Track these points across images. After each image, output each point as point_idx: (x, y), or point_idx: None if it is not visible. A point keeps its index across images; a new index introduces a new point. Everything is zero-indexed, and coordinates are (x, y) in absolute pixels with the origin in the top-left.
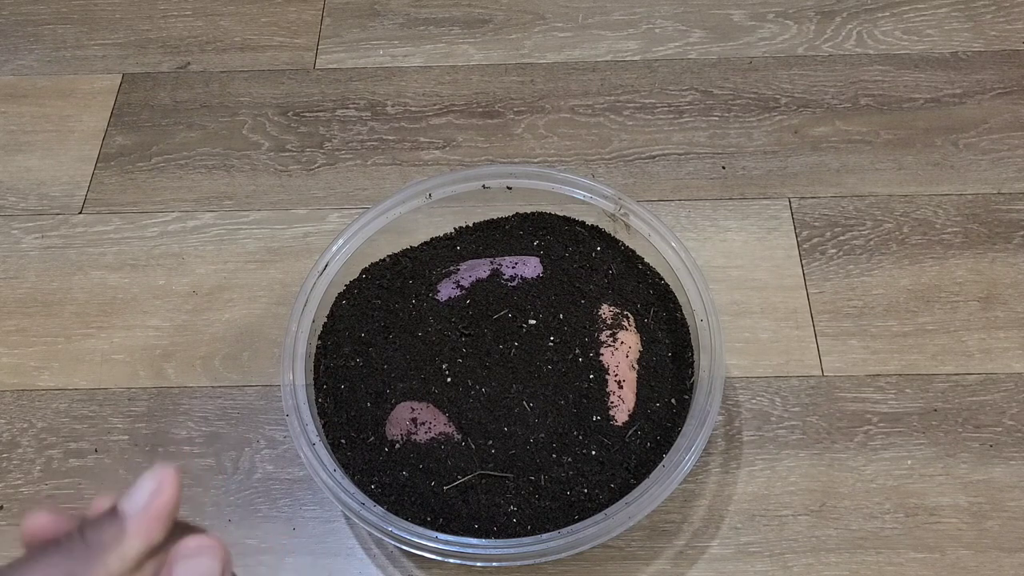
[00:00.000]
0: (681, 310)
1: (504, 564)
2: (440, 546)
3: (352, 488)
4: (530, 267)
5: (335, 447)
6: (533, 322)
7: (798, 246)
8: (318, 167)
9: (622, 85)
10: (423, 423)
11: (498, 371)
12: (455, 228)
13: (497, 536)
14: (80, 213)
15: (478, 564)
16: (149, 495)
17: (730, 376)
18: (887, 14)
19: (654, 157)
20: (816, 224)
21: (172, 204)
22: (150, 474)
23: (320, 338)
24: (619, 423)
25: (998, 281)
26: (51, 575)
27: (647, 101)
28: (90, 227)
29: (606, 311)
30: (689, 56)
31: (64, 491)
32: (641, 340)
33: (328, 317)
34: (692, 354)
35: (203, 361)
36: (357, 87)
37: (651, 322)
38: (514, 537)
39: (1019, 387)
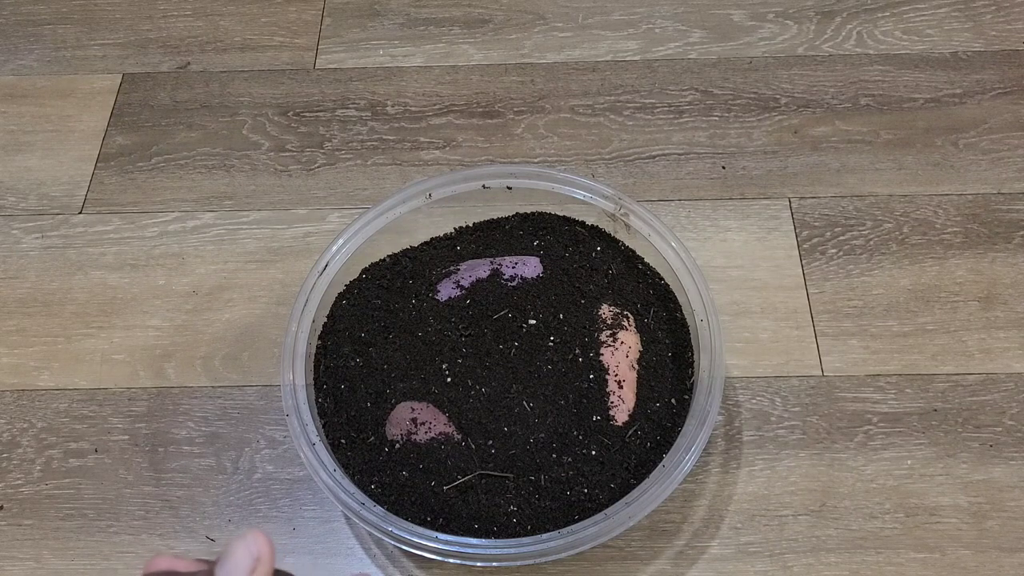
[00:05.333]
0: (681, 310)
1: (504, 564)
2: (440, 546)
3: (352, 488)
4: (530, 267)
5: (335, 447)
6: (533, 322)
7: (798, 246)
8: (318, 167)
9: (622, 85)
10: (423, 423)
11: (498, 371)
12: (455, 228)
13: (497, 536)
14: (80, 213)
15: (478, 564)
16: (248, 569)
17: (730, 376)
18: (887, 14)
19: (654, 157)
20: (816, 224)
21: (172, 204)
22: (244, 544)
23: (320, 338)
24: (619, 423)
25: (998, 281)
26: None
27: (647, 101)
28: (90, 227)
29: (606, 311)
30: (689, 56)
31: (64, 491)
32: (641, 340)
33: (328, 317)
34: (692, 354)
35: (203, 361)
36: (357, 87)
37: (651, 322)
38: (514, 537)
39: (1019, 387)
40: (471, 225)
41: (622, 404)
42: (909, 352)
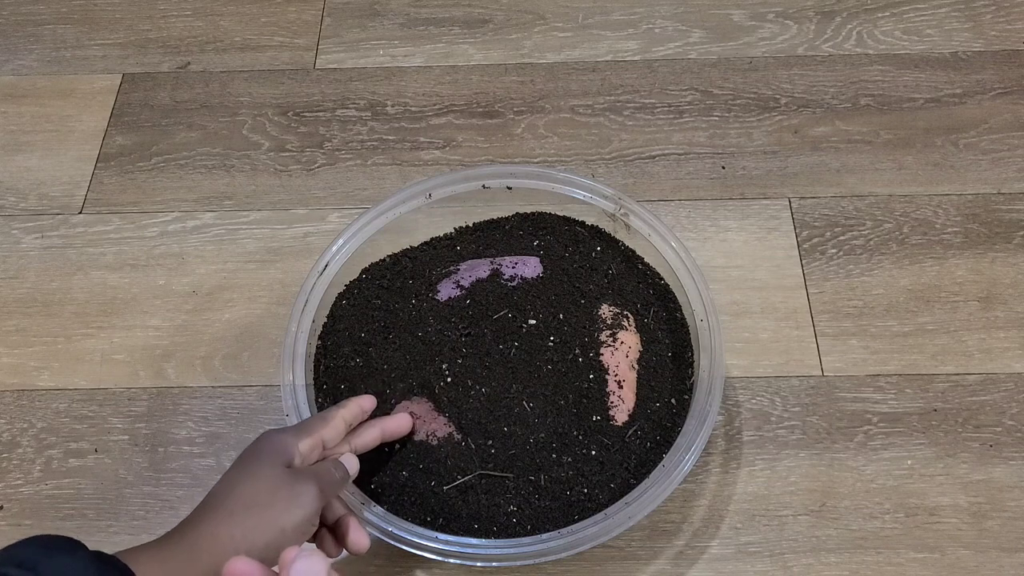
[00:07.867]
0: (681, 310)
1: (504, 564)
2: (440, 546)
3: (352, 488)
4: (530, 267)
5: None
6: (533, 322)
7: (798, 246)
8: (318, 167)
9: (622, 85)
10: (423, 423)
11: (498, 371)
12: (455, 228)
13: (497, 536)
14: (80, 213)
15: (478, 564)
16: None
17: (730, 376)
18: (887, 14)
19: (654, 157)
20: (816, 224)
21: (172, 204)
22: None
23: (320, 338)
24: (619, 423)
25: (998, 281)
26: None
27: (647, 101)
28: (90, 227)
29: (606, 311)
30: (689, 56)
31: (64, 491)
32: (641, 340)
33: (328, 317)
34: (692, 354)
35: (203, 361)
36: (357, 87)
37: (651, 322)
38: (514, 537)
39: (1019, 387)
40: (471, 225)
41: (622, 404)
42: (909, 352)
